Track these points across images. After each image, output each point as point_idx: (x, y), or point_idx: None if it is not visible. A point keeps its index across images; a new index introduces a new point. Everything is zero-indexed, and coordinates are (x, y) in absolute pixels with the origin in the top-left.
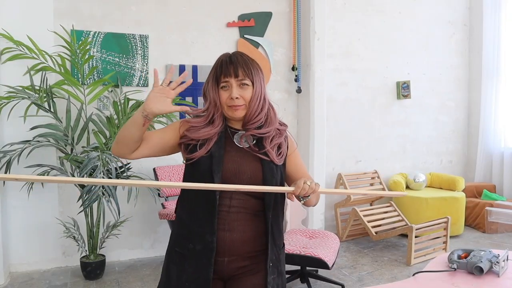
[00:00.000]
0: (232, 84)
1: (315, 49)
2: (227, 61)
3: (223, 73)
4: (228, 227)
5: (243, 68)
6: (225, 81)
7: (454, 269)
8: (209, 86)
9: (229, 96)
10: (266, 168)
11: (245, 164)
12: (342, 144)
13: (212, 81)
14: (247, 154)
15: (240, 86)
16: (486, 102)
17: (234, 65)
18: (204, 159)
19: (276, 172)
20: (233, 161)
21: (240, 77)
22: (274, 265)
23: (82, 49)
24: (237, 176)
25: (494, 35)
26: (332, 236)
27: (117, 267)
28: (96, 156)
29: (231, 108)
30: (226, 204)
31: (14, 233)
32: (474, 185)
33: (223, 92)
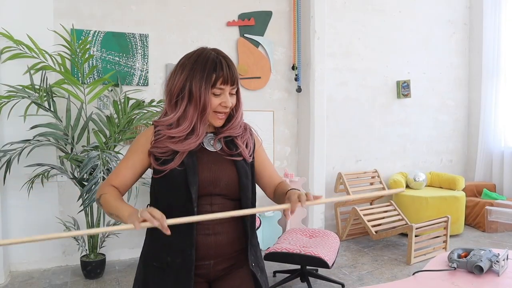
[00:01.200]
0: (225, 92)
1: (315, 48)
2: (226, 65)
3: (223, 79)
4: (212, 231)
5: (235, 75)
6: (221, 88)
7: (454, 268)
8: (198, 87)
9: (222, 103)
10: (241, 170)
11: (220, 171)
12: (342, 144)
13: (204, 82)
14: (220, 159)
15: (230, 94)
16: (486, 102)
17: (233, 72)
18: (177, 171)
19: (249, 172)
20: (208, 169)
21: (234, 85)
22: (256, 264)
23: (82, 48)
24: (214, 185)
25: (494, 34)
26: (332, 235)
27: (117, 266)
28: (96, 155)
29: (216, 115)
30: (208, 210)
31: (14, 233)
32: (474, 184)
33: (213, 98)
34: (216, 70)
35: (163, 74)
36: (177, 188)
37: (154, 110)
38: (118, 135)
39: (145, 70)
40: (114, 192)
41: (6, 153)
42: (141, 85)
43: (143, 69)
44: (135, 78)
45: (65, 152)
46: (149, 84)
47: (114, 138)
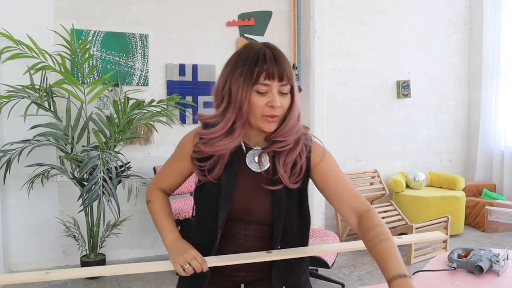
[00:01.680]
0: (273, 89)
1: (315, 48)
2: (272, 56)
3: (266, 73)
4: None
5: (287, 70)
6: (266, 84)
7: (454, 268)
8: (237, 84)
9: (269, 103)
10: (276, 202)
11: (255, 201)
12: (342, 143)
13: (244, 78)
14: (259, 184)
15: (280, 94)
16: (486, 101)
17: (280, 65)
18: (211, 186)
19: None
20: (243, 196)
21: (284, 81)
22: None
23: (82, 48)
24: (247, 214)
25: (494, 34)
26: (332, 235)
27: None
28: (96, 155)
29: (266, 118)
30: (241, 233)
31: (14, 232)
32: (474, 184)
33: (258, 96)
34: (258, 63)
35: (163, 74)
36: (208, 208)
37: (154, 110)
38: (118, 135)
39: (145, 70)
40: (162, 201)
41: (6, 153)
42: (141, 85)
43: (143, 69)
44: (135, 78)
45: (65, 152)
46: (149, 84)
47: (114, 138)
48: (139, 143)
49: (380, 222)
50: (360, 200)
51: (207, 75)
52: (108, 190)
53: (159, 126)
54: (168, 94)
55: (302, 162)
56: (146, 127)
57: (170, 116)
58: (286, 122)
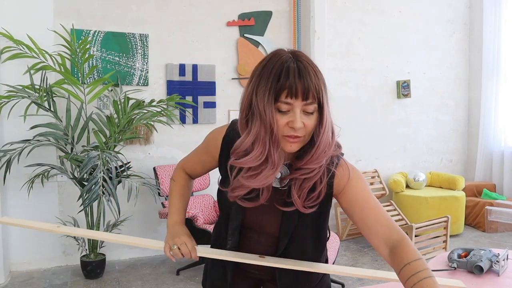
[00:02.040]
0: (295, 108)
1: (315, 48)
2: (295, 71)
3: (289, 90)
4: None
5: (315, 87)
6: (287, 102)
7: (454, 268)
8: (260, 101)
9: (289, 124)
10: (285, 222)
11: (265, 218)
12: (342, 143)
13: (267, 95)
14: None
15: (305, 113)
16: (486, 101)
17: (305, 81)
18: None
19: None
20: (255, 211)
21: (309, 100)
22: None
23: (82, 48)
24: (258, 228)
25: (494, 34)
26: (332, 235)
27: (117, 266)
28: (96, 155)
29: (287, 139)
30: (255, 239)
31: (14, 232)
32: (474, 184)
33: (279, 115)
34: (280, 78)
35: (163, 74)
36: (223, 214)
37: (154, 110)
38: (118, 135)
39: (145, 70)
40: (182, 183)
41: (6, 153)
42: (141, 85)
43: (143, 69)
44: (135, 78)
45: (65, 152)
46: (149, 84)
47: (114, 138)
48: (139, 143)
49: (417, 256)
50: (391, 228)
51: (207, 75)
52: (108, 190)
53: (159, 126)
54: (168, 94)
55: (322, 187)
56: (146, 127)
57: (170, 116)
58: (316, 147)
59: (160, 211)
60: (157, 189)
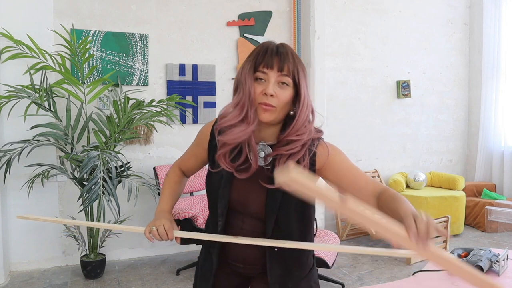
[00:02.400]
0: (270, 78)
1: (315, 48)
2: (274, 50)
3: (265, 62)
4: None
5: (290, 64)
6: (264, 71)
7: None
8: (243, 74)
9: (263, 90)
10: (269, 200)
11: (251, 195)
12: (342, 143)
13: (249, 68)
14: (257, 180)
15: (279, 84)
16: (486, 101)
17: (281, 57)
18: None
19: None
20: (240, 188)
21: (284, 71)
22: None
23: (82, 48)
24: (243, 206)
25: (494, 33)
26: (332, 235)
27: (117, 266)
28: (96, 155)
29: (261, 106)
30: (239, 225)
31: (14, 232)
32: (474, 184)
33: (256, 84)
34: (260, 54)
35: (163, 74)
36: (212, 196)
37: (154, 110)
38: (118, 135)
39: (145, 70)
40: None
41: (6, 153)
42: (141, 85)
43: (143, 69)
44: (135, 78)
45: (65, 152)
46: (149, 84)
47: (114, 138)
48: (139, 143)
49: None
50: (375, 183)
51: (207, 75)
52: (108, 190)
53: (159, 126)
54: (168, 94)
55: (305, 164)
56: (146, 127)
57: (170, 116)
58: (296, 118)
59: None
60: (157, 189)
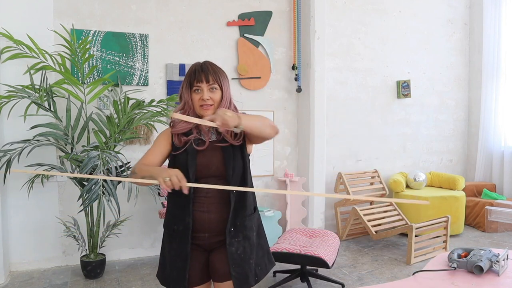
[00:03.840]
0: (203, 88)
1: (315, 48)
2: (199, 69)
3: (196, 79)
4: (206, 209)
5: (212, 75)
6: (198, 86)
7: (454, 268)
8: (183, 89)
9: (201, 97)
10: (226, 154)
11: (212, 156)
12: (342, 143)
13: (186, 85)
14: (213, 147)
15: (210, 90)
16: (486, 101)
17: (205, 72)
18: (181, 155)
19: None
20: (203, 155)
21: (210, 82)
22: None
23: (82, 48)
24: (208, 168)
25: (494, 34)
26: (332, 235)
27: (117, 266)
28: (96, 155)
29: (202, 107)
30: (204, 190)
31: (15, 232)
32: (474, 184)
33: (195, 95)
34: (195, 73)
35: (163, 74)
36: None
37: (154, 110)
38: (118, 135)
39: (145, 70)
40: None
41: (6, 153)
42: (141, 85)
43: (143, 69)
44: (135, 78)
45: (65, 152)
46: (149, 84)
47: (114, 138)
48: (139, 143)
49: None
50: None
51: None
52: (108, 190)
53: (159, 126)
54: (168, 94)
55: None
56: (146, 127)
57: (170, 116)
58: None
59: (160, 211)
60: (157, 189)
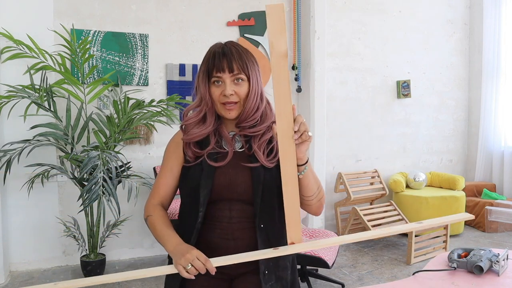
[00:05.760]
0: (225, 80)
1: (315, 48)
2: (220, 53)
3: (216, 67)
4: (231, 236)
5: (238, 62)
6: (218, 76)
7: (454, 268)
8: (199, 80)
9: (222, 92)
10: (254, 177)
11: (237, 178)
12: (342, 143)
13: (203, 75)
14: (238, 162)
15: (235, 82)
16: (486, 101)
17: (228, 58)
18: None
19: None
20: (225, 175)
21: (235, 71)
22: (270, 271)
23: (82, 48)
24: (230, 190)
25: (494, 34)
26: (332, 235)
27: (117, 266)
28: (96, 155)
29: (224, 106)
30: (226, 216)
31: (15, 232)
32: (474, 184)
33: (215, 88)
34: (209, 61)
35: (163, 74)
36: (191, 188)
37: (154, 110)
38: (118, 135)
39: (145, 70)
40: (161, 214)
41: (6, 153)
42: (141, 85)
43: (143, 69)
44: (135, 78)
45: (65, 152)
46: (149, 84)
47: (114, 138)
48: (139, 143)
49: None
50: None
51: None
52: (108, 190)
53: (159, 126)
54: (168, 94)
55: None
56: (146, 127)
57: (170, 116)
58: (245, 107)
59: None
60: None
